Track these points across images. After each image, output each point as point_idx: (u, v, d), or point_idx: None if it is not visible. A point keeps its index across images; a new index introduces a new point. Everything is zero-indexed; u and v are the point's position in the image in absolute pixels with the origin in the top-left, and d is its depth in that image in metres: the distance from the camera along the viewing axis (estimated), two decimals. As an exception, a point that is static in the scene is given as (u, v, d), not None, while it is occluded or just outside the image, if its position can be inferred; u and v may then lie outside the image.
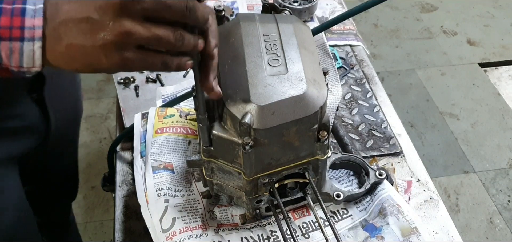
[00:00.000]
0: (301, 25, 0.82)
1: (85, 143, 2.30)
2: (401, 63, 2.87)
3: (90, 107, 2.48)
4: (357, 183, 0.91)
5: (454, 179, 2.24)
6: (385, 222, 0.84)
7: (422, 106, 2.59)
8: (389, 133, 1.06)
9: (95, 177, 2.14)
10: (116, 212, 0.91)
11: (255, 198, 0.80)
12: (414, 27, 3.15)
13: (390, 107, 1.14)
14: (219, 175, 0.79)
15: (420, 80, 2.75)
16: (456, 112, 2.56)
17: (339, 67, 1.23)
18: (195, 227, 0.82)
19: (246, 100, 0.68)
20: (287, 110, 0.69)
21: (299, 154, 0.75)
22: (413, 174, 0.98)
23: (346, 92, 1.16)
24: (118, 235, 0.88)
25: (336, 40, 1.32)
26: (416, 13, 3.27)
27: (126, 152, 1.02)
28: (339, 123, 1.07)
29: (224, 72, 0.73)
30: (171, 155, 0.93)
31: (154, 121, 0.98)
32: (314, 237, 0.83)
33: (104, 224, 2.00)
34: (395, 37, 3.07)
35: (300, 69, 0.72)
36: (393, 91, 2.65)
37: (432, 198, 0.93)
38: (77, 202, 2.05)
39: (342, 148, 1.02)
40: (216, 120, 0.72)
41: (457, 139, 2.42)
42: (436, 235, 0.87)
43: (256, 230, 0.84)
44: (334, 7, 1.45)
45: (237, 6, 1.44)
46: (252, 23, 0.79)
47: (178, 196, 0.86)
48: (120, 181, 0.97)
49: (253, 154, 0.70)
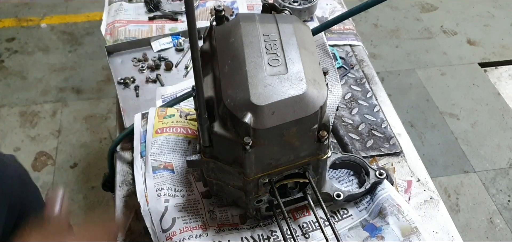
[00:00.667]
0: (301, 25, 0.82)
1: (85, 143, 2.31)
2: (401, 63, 2.87)
3: (90, 107, 2.49)
4: (357, 183, 0.91)
5: (454, 179, 2.24)
6: (385, 222, 0.84)
7: (422, 106, 2.59)
8: (389, 133, 1.06)
9: (95, 177, 2.14)
10: (116, 213, 0.91)
11: (255, 198, 0.79)
12: (414, 27, 3.15)
13: (390, 107, 1.14)
14: (219, 175, 0.79)
15: (420, 80, 2.75)
16: (456, 112, 2.56)
17: (339, 67, 1.23)
18: (195, 227, 0.82)
19: (246, 100, 0.68)
20: (287, 110, 0.69)
21: (299, 154, 0.75)
22: (413, 174, 0.98)
23: (346, 92, 1.16)
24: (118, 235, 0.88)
25: (336, 40, 1.32)
26: (416, 13, 3.27)
27: (126, 152, 1.02)
28: (339, 123, 1.07)
29: (224, 72, 0.73)
30: (171, 155, 0.93)
31: (154, 121, 0.98)
32: (314, 237, 0.83)
33: (104, 224, 2.00)
34: (395, 37, 3.07)
35: (300, 69, 0.72)
36: (393, 91, 2.64)
37: (432, 198, 0.93)
38: (77, 202, 2.06)
39: (342, 148, 1.02)
40: (216, 120, 0.72)
41: (457, 139, 2.42)
42: (436, 235, 0.87)
43: (256, 230, 0.84)
44: (334, 7, 1.45)
45: (237, 6, 1.44)
46: (252, 23, 0.79)
47: (178, 196, 0.86)
48: (120, 181, 0.97)
49: (253, 154, 0.70)
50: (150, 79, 1.20)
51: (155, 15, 1.40)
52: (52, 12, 3.11)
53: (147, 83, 1.19)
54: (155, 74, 1.21)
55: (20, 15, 3.09)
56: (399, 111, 1.14)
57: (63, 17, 3.08)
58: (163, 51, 1.28)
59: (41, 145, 2.29)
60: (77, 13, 3.10)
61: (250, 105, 0.68)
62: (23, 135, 2.33)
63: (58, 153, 2.25)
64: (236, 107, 0.69)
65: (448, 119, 2.52)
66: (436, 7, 3.33)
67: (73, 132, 2.35)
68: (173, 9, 1.41)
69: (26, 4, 3.17)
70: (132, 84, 1.18)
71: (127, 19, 1.39)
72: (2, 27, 3.00)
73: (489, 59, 2.93)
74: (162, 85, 1.19)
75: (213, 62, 0.78)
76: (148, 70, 1.22)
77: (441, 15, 3.27)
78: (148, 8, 1.41)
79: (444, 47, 3.00)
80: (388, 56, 2.91)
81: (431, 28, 3.15)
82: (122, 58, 1.26)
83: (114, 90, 1.17)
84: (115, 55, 1.26)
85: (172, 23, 1.38)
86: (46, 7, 3.14)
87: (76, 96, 2.55)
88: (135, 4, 1.44)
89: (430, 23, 3.19)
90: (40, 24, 3.02)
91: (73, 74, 2.68)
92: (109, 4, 1.47)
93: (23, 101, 2.51)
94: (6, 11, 3.12)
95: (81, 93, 2.57)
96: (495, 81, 2.78)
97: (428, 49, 2.98)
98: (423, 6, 3.33)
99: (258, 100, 0.68)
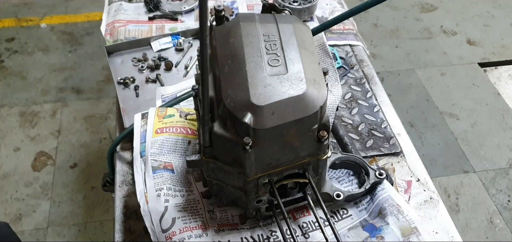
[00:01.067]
0: (301, 25, 0.82)
1: (85, 143, 2.31)
2: (401, 63, 2.87)
3: (90, 107, 2.49)
4: (357, 183, 0.91)
5: (454, 179, 2.24)
6: (385, 222, 0.84)
7: (422, 106, 2.59)
8: (389, 133, 1.06)
9: (95, 177, 2.15)
10: (116, 212, 0.91)
11: (255, 198, 0.79)
12: (414, 27, 3.15)
13: (390, 107, 1.14)
14: (219, 175, 0.79)
15: (420, 80, 2.75)
16: (456, 112, 2.56)
17: (339, 67, 1.23)
18: (195, 227, 0.82)
19: (246, 100, 0.68)
20: (287, 110, 0.69)
21: (299, 154, 0.75)
22: (413, 174, 0.98)
23: (346, 92, 1.16)
24: (118, 235, 0.88)
25: (336, 40, 1.32)
26: (416, 13, 3.27)
27: (126, 152, 1.02)
28: (339, 123, 1.07)
29: (224, 72, 0.73)
30: (171, 155, 0.93)
31: (154, 121, 0.98)
32: (314, 237, 0.83)
33: (104, 224, 2.01)
34: (395, 37, 3.07)
35: (300, 69, 0.72)
36: (393, 91, 2.65)
37: (432, 198, 0.93)
38: (77, 202, 2.06)
39: (342, 148, 1.02)
40: (216, 120, 0.72)
41: (457, 139, 2.42)
42: (436, 235, 0.87)
43: (256, 230, 0.84)
44: (334, 7, 1.45)
45: (237, 6, 1.44)
46: (252, 23, 0.79)
47: (178, 196, 0.86)
48: (120, 181, 0.97)
49: (253, 154, 0.70)
50: (150, 79, 1.20)
51: (155, 15, 1.40)
52: (52, 12, 3.11)
53: (147, 83, 1.19)
54: (155, 74, 1.21)
55: (20, 15, 3.09)
56: (399, 111, 1.14)
57: (63, 17, 3.08)
58: (163, 51, 1.28)
59: (41, 145, 2.29)
60: (77, 13, 3.10)
61: (250, 105, 0.68)
62: (23, 135, 2.33)
63: (58, 153, 2.25)
64: (236, 107, 0.69)
65: (448, 119, 2.52)
66: (436, 7, 3.33)
67: (73, 132, 2.35)
68: (173, 9, 1.41)
69: (26, 4, 3.17)
70: (132, 84, 1.18)
71: (127, 19, 1.39)
72: (2, 27, 3.00)
73: (489, 59, 2.93)
74: (162, 85, 1.19)
75: (213, 62, 0.78)
76: (148, 70, 1.22)
77: (441, 15, 3.27)
78: (148, 8, 1.41)
79: (444, 47, 3.00)
80: (388, 56, 2.91)
81: (431, 28, 3.15)
82: (122, 58, 1.26)
83: (114, 90, 1.17)
84: (115, 55, 1.26)
85: (172, 23, 1.38)
86: (46, 7, 3.14)
87: (76, 96, 2.55)
88: (135, 4, 1.44)
89: (430, 23, 3.19)
90: (40, 24, 3.02)
91: (73, 74, 2.68)
92: (109, 4, 1.47)
93: (23, 101, 2.51)
94: (6, 11, 3.12)
95: (81, 93, 2.57)
96: (495, 81, 2.78)
97: (428, 49, 2.98)
98: (423, 6, 3.34)
99: (258, 100, 0.68)
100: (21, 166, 2.19)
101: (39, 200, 2.06)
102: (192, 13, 1.42)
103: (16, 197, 2.07)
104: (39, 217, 2.00)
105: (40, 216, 2.01)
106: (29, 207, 2.04)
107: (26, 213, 2.02)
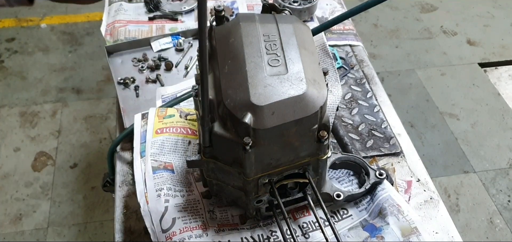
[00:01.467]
0: (301, 25, 0.82)
1: (85, 143, 2.31)
2: (401, 63, 2.87)
3: (90, 107, 2.49)
4: (357, 183, 0.91)
5: (454, 179, 2.24)
6: (385, 222, 0.84)
7: (422, 106, 2.59)
8: (389, 133, 1.06)
9: (95, 177, 2.15)
10: (116, 212, 0.91)
11: (255, 198, 0.79)
12: (414, 27, 3.15)
13: (390, 107, 1.14)
14: (219, 175, 0.79)
15: (420, 80, 2.75)
16: (456, 112, 2.56)
17: (339, 67, 1.23)
18: (195, 227, 0.82)
19: (246, 100, 0.68)
20: (287, 110, 0.69)
21: (299, 154, 0.75)
22: (413, 174, 0.98)
23: (346, 92, 1.16)
24: (118, 235, 0.88)
25: (336, 40, 1.32)
26: (416, 13, 3.27)
27: (126, 152, 1.02)
28: (339, 123, 1.07)
29: (224, 72, 0.73)
30: (171, 155, 0.93)
31: (154, 121, 0.98)
32: (314, 237, 0.83)
33: (104, 224, 2.01)
34: (395, 37, 3.07)
35: (300, 69, 0.72)
36: (393, 91, 2.65)
37: (432, 198, 0.93)
38: (77, 202, 2.06)
39: (342, 148, 1.02)
40: (216, 120, 0.72)
41: (457, 139, 2.42)
42: (436, 235, 0.87)
43: (256, 230, 0.84)
44: (334, 7, 1.45)
45: (237, 6, 1.44)
46: (252, 23, 0.79)
47: (178, 196, 0.86)
48: (120, 181, 0.97)
49: (253, 154, 0.70)
50: (150, 79, 1.20)
51: (155, 15, 1.40)
52: (52, 12, 3.11)
53: (147, 83, 1.19)
54: (155, 74, 1.21)
55: (20, 15, 3.09)
56: (399, 111, 1.14)
57: (63, 17, 3.08)
58: (163, 51, 1.28)
59: (41, 145, 2.29)
60: (77, 13, 3.10)
61: (250, 105, 0.68)
62: (23, 135, 2.33)
63: (58, 153, 2.25)
64: (236, 107, 0.69)
65: (448, 119, 2.52)
66: (436, 7, 3.33)
67: (73, 132, 2.36)
68: (173, 9, 1.41)
69: (26, 4, 3.16)
70: (132, 84, 1.18)
71: (127, 19, 1.39)
72: (2, 27, 3.00)
73: (489, 59, 2.93)
74: (162, 85, 1.19)
75: (213, 63, 0.78)
76: (148, 70, 1.22)
77: (441, 15, 3.27)
78: (148, 8, 1.41)
79: (444, 47, 3.00)
80: (388, 56, 2.91)
81: (431, 28, 3.15)
82: (122, 58, 1.26)
83: (114, 90, 1.17)
84: (115, 55, 1.26)
85: (172, 23, 1.38)
86: (46, 7, 3.14)
87: (76, 96, 2.55)
88: (135, 4, 1.44)
89: (430, 23, 3.19)
90: (40, 24, 3.02)
91: (73, 74, 2.68)
92: (109, 4, 1.47)
93: (23, 101, 2.51)
94: (6, 11, 3.12)
95: (81, 93, 2.57)
96: (495, 81, 2.78)
97: (428, 49, 2.98)
98: (423, 6, 3.34)
99: (258, 100, 0.68)
100: (21, 166, 2.19)
101: (39, 200, 2.06)
102: (192, 13, 1.42)
103: (16, 197, 2.07)
104: (39, 217, 2.00)
105: (40, 216, 2.01)
106: (29, 207, 2.04)
107: (26, 213, 2.02)
